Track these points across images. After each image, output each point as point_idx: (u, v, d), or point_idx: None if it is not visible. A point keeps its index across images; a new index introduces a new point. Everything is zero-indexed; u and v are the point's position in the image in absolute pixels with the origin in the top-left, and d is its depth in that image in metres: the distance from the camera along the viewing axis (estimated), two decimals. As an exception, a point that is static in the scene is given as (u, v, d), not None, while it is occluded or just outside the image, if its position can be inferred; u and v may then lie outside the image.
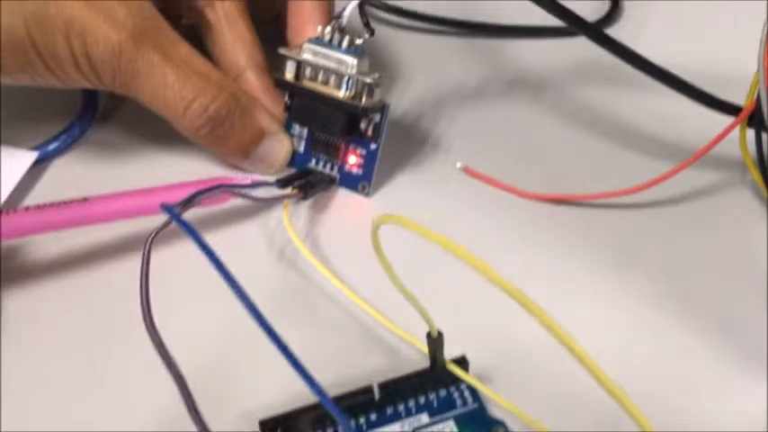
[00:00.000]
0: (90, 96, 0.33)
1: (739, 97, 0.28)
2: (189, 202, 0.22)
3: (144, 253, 0.17)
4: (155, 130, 0.30)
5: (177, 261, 0.25)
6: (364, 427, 0.21)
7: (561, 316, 0.24)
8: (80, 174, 0.30)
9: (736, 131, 0.27)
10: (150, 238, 0.17)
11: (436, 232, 0.14)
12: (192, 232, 0.16)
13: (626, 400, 0.14)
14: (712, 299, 0.25)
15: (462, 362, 0.22)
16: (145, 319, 0.16)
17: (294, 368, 0.16)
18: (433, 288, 0.22)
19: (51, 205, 0.24)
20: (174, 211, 0.18)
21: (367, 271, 0.25)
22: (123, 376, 0.23)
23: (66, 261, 0.26)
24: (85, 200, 0.25)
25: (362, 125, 0.28)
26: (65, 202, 0.24)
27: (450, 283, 0.25)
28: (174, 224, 0.18)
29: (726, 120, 0.28)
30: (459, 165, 0.30)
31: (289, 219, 0.27)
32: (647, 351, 0.24)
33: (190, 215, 0.21)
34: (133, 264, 0.21)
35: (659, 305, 0.25)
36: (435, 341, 0.20)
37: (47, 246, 0.26)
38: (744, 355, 0.24)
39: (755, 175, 0.28)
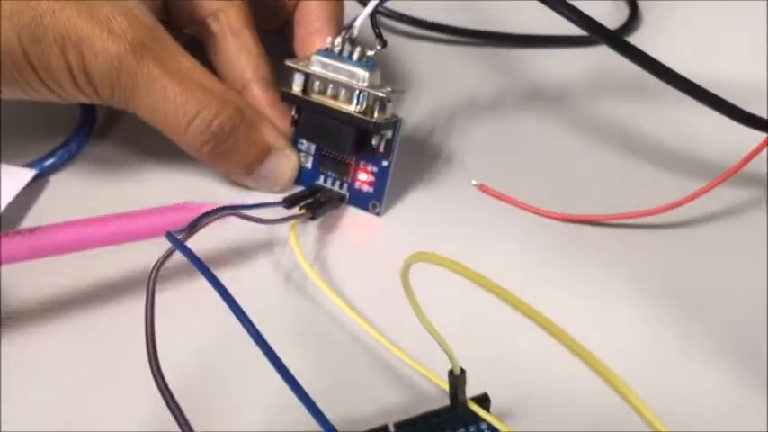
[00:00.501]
0: (87, 111, 0.31)
1: (764, 110, 0.27)
2: (194, 227, 0.20)
3: (148, 286, 0.15)
4: (154, 145, 0.28)
5: (178, 289, 0.24)
6: (380, 469, 0.19)
7: (581, 336, 0.22)
8: (78, 191, 0.28)
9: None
10: (155, 271, 0.16)
11: (475, 271, 0.13)
12: (198, 263, 0.15)
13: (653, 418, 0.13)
14: (739, 323, 0.24)
15: (484, 400, 0.20)
16: (150, 362, 0.14)
17: (308, 410, 0.15)
18: (452, 320, 0.20)
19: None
20: (178, 241, 0.16)
21: (378, 295, 0.24)
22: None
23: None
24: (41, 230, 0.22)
25: (374, 141, 0.27)
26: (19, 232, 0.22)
27: (469, 316, 0.24)
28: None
29: (753, 134, 0.26)
30: (474, 182, 0.29)
31: (296, 240, 0.25)
32: (674, 375, 0.22)
33: (192, 239, 0.20)
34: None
35: (683, 329, 0.24)
36: (457, 379, 0.19)
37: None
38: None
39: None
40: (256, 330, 0.14)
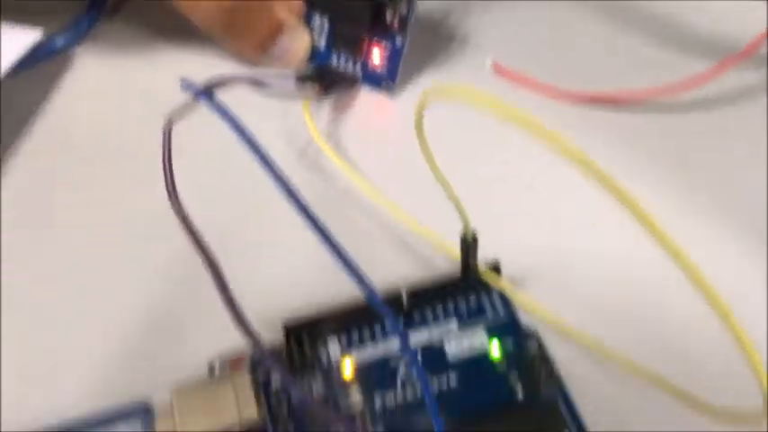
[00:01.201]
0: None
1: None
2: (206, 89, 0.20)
3: (165, 132, 0.15)
4: (169, 23, 0.28)
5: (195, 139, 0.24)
6: (391, 333, 0.20)
7: (599, 226, 0.23)
8: (92, 70, 0.28)
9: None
10: (169, 120, 0.16)
11: (504, 103, 0.12)
12: (222, 112, 0.15)
13: (733, 320, 0.13)
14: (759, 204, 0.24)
15: (495, 268, 0.20)
16: (170, 197, 0.15)
17: (338, 260, 0.15)
18: (468, 189, 0.20)
19: None
20: (198, 88, 0.16)
21: (393, 173, 0.24)
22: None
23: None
24: None
25: (388, 17, 0.26)
26: None
27: (487, 184, 0.24)
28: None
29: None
30: (488, 61, 0.29)
31: (310, 115, 0.25)
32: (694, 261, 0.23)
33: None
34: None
35: (703, 213, 0.24)
36: (469, 245, 0.19)
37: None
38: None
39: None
40: (287, 181, 0.15)
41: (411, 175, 0.22)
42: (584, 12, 0.32)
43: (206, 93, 0.14)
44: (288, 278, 0.21)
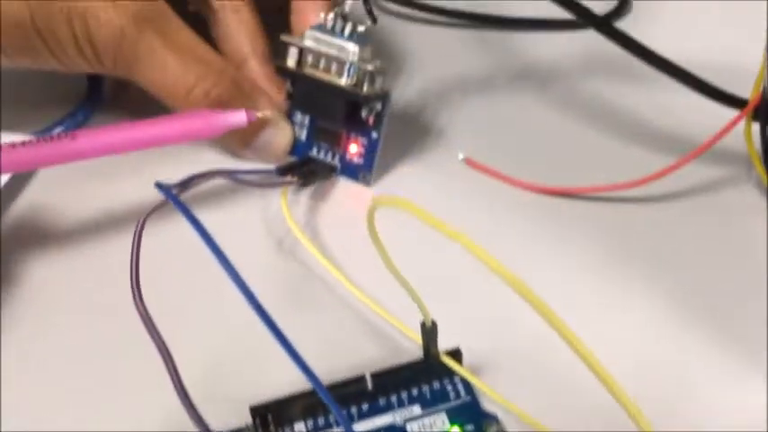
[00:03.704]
0: (95, 82, 0.33)
1: (745, 90, 0.27)
2: (185, 185, 0.22)
3: (136, 232, 0.17)
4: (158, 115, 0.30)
5: (171, 243, 0.25)
6: (356, 417, 0.21)
7: (560, 310, 0.24)
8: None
9: (742, 125, 0.27)
10: (142, 221, 0.17)
11: (435, 216, 0.14)
12: (187, 213, 0.16)
13: (625, 398, 0.14)
14: (713, 295, 0.25)
15: (456, 354, 0.21)
16: (135, 299, 0.16)
17: (288, 353, 0.16)
18: (429, 278, 0.21)
19: (38, 140, 0.24)
20: (170, 192, 0.17)
21: (366, 261, 0.25)
22: (123, 350, 0.23)
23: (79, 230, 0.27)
24: (74, 136, 0.24)
25: (364, 113, 0.28)
26: (51, 138, 0.24)
27: (447, 273, 0.25)
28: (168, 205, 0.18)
29: (731, 113, 0.27)
30: (461, 156, 0.30)
31: (288, 206, 0.27)
32: (646, 348, 0.23)
33: (185, 199, 0.21)
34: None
35: (659, 301, 0.25)
36: (429, 332, 0.20)
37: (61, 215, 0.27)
38: (743, 352, 0.23)
39: (759, 168, 0.28)
40: (242, 281, 0.16)
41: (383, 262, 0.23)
42: (551, 110, 0.34)
43: (173, 195, 0.15)
44: (255, 362, 0.22)
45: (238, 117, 0.26)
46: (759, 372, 0.22)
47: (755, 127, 0.27)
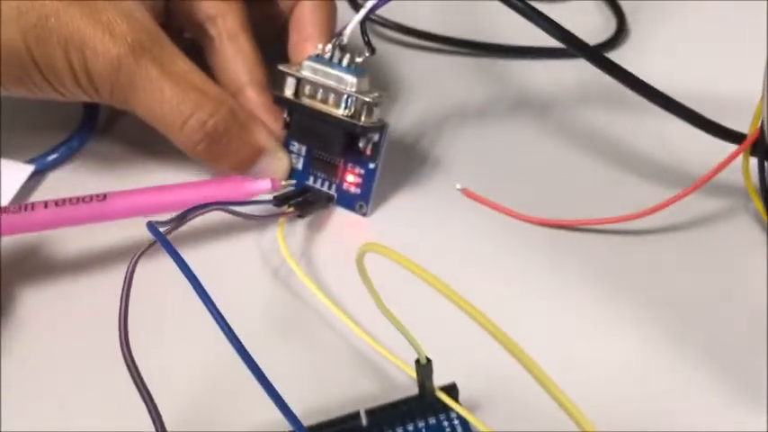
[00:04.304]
0: (90, 109, 0.33)
1: (743, 124, 0.27)
2: (180, 220, 0.21)
3: (126, 274, 0.17)
4: (154, 143, 0.29)
5: (169, 277, 0.25)
6: (350, 454, 0.20)
7: (555, 341, 0.24)
8: (77, 185, 0.29)
9: (740, 159, 0.27)
10: (134, 261, 0.17)
11: (415, 263, 0.14)
12: (174, 254, 0.16)
13: (567, 402, 0.14)
14: (711, 328, 0.25)
15: (452, 389, 0.21)
16: (121, 343, 0.16)
17: (270, 396, 0.16)
18: (425, 313, 0.21)
19: (69, 200, 0.25)
20: (158, 232, 0.17)
21: (362, 293, 0.25)
22: (115, 384, 0.22)
23: (78, 262, 0.27)
24: (104, 197, 0.25)
25: (361, 144, 0.28)
26: (83, 199, 0.25)
27: (441, 309, 0.24)
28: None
29: (729, 147, 0.27)
30: (458, 186, 0.30)
31: (283, 238, 0.27)
32: (643, 380, 0.23)
33: (183, 231, 0.21)
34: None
35: (656, 334, 0.25)
36: (424, 368, 0.20)
37: (63, 245, 0.27)
38: (742, 386, 0.23)
39: (757, 203, 0.28)
40: (223, 320, 0.15)
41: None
42: (548, 139, 0.34)
43: (161, 235, 0.15)
44: (249, 402, 0.22)
45: (263, 184, 0.28)
46: (759, 410, 0.22)
47: (753, 161, 0.27)
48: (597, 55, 0.27)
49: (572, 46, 0.27)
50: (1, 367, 0.23)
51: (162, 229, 0.18)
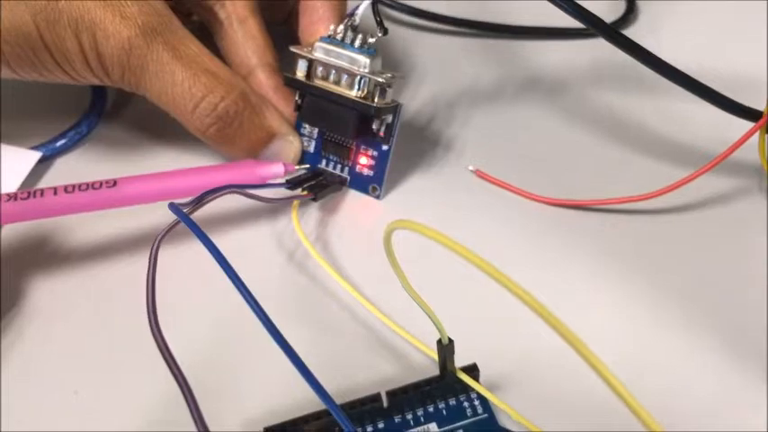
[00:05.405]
0: (99, 93, 0.32)
1: (759, 102, 0.27)
2: (198, 203, 0.21)
3: (151, 255, 0.16)
4: (164, 128, 0.29)
5: (184, 261, 0.25)
6: (372, 435, 0.20)
7: (571, 321, 0.23)
8: (85, 171, 0.29)
9: (756, 137, 0.27)
10: (158, 241, 0.17)
11: (449, 237, 0.14)
12: (200, 234, 0.16)
13: (636, 405, 0.14)
14: (726, 307, 0.25)
15: (473, 370, 0.21)
16: (150, 323, 0.15)
17: (301, 373, 0.16)
18: (445, 294, 0.21)
19: (79, 186, 0.24)
20: (182, 212, 0.17)
21: (378, 274, 0.25)
22: (128, 372, 0.22)
23: (88, 249, 0.26)
24: (114, 183, 0.25)
25: (374, 126, 0.28)
26: (93, 185, 0.25)
27: (462, 290, 0.25)
28: (181, 224, 0.18)
29: (745, 124, 0.27)
30: (471, 167, 0.30)
31: (298, 220, 0.26)
32: (656, 358, 0.23)
33: (198, 215, 0.21)
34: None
35: (671, 313, 0.25)
36: (446, 348, 0.20)
37: (73, 232, 0.27)
38: (749, 363, 0.23)
39: (774, 181, 0.28)
40: (254, 300, 0.15)
41: (395, 276, 0.22)
42: (560, 120, 0.33)
43: (184, 215, 0.15)
44: (270, 382, 0.22)
45: (276, 169, 0.28)
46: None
47: (769, 138, 0.27)
48: (615, 33, 0.26)
49: (589, 24, 0.26)
50: (14, 355, 0.23)
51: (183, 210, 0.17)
